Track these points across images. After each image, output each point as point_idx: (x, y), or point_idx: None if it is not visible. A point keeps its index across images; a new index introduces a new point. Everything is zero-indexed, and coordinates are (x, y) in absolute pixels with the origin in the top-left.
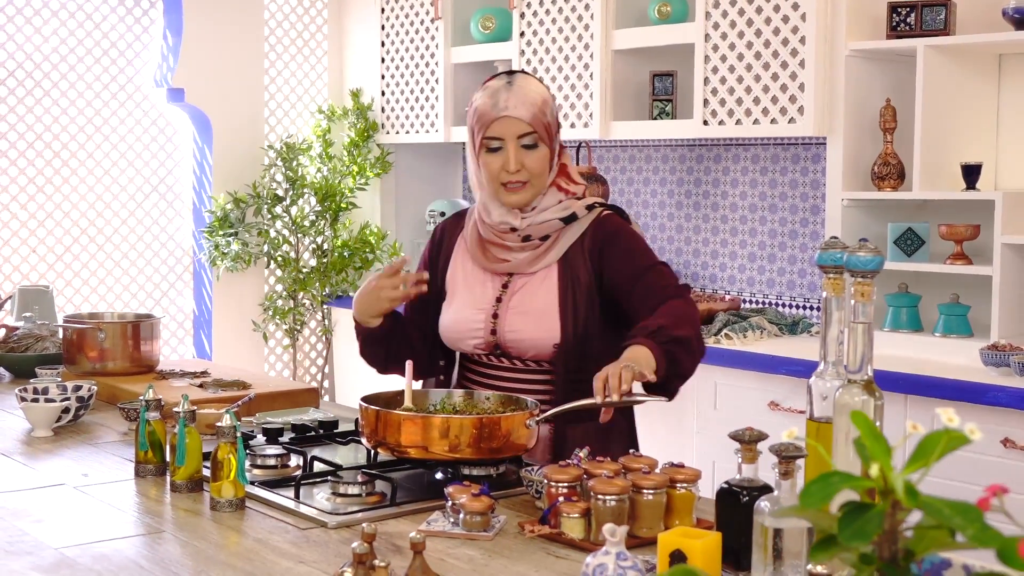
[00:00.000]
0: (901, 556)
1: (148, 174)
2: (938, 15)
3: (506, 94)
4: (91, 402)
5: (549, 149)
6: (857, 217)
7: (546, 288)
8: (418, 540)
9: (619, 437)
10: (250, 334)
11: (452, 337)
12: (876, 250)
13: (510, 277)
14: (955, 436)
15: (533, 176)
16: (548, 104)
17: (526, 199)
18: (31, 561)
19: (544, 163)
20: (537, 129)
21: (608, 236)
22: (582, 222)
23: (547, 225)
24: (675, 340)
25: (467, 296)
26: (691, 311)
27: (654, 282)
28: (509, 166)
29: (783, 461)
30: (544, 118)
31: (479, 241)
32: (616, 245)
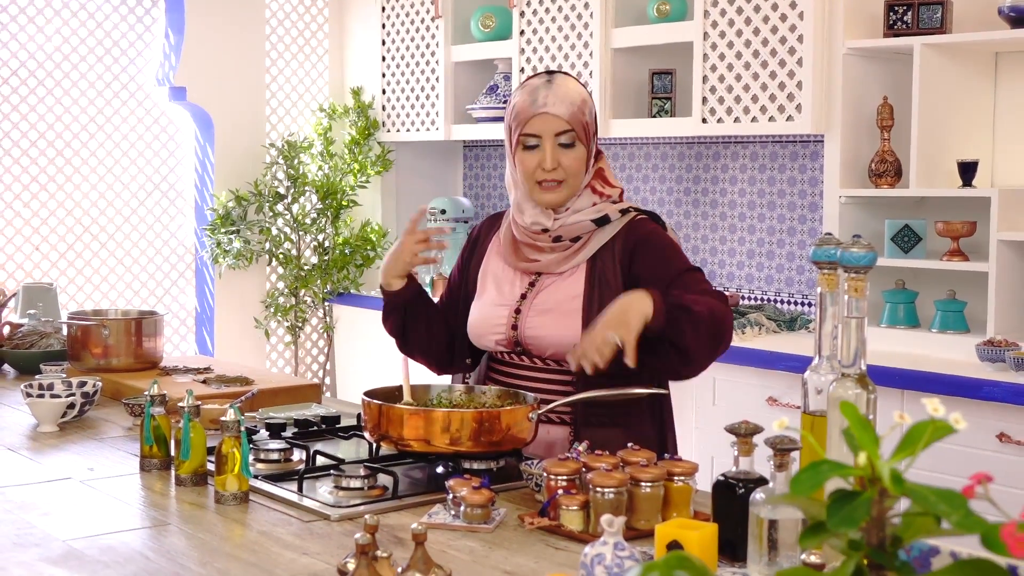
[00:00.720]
0: (889, 542)
1: (150, 172)
2: (935, 13)
3: (545, 92)
4: (96, 398)
5: (586, 149)
6: (855, 214)
7: (572, 288)
8: (420, 531)
9: (646, 441)
10: (252, 331)
11: (476, 333)
12: (869, 246)
13: (538, 276)
14: (940, 426)
15: (569, 175)
16: (587, 104)
17: (561, 199)
18: (39, 553)
19: (581, 163)
20: (575, 128)
21: (641, 240)
22: (615, 225)
23: (579, 226)
24: (682, 307)
25: (494, 293)
26: (720, 307)
27: (692, 286)
28: (546, 164)
29: (778, 454)
30: (583, 117)
31: (512, 241)
32: (649, 249)
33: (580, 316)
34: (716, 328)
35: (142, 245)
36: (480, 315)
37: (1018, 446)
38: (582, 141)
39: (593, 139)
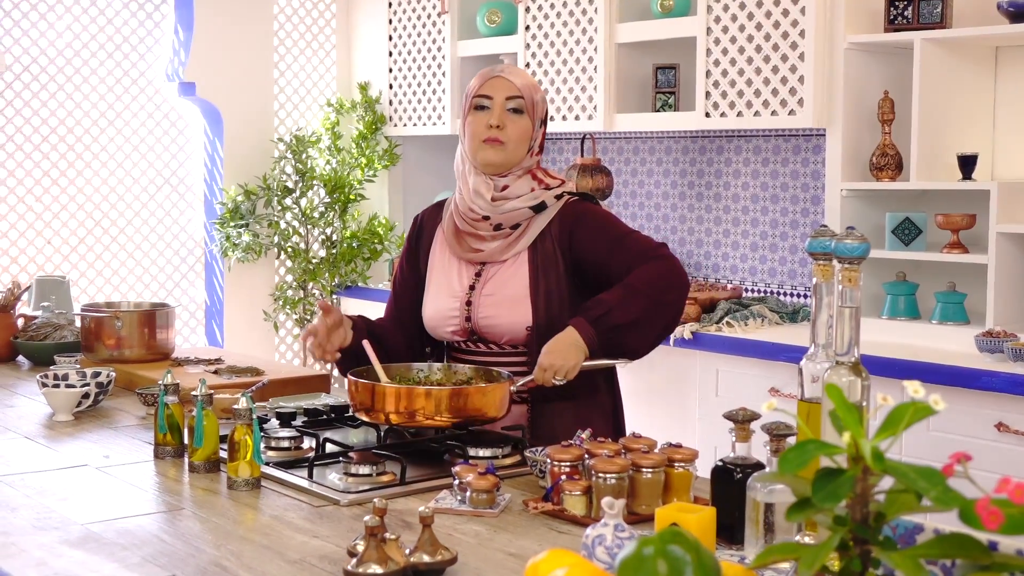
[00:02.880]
0: (872, 518)
1: (160, 167)
2: (935, 8)
3: (503, 66)
4: (110, 388)
5: (532, 124)
6: (856, 207)
7: (517, 275)
8: (427, 514)
9: (601, 415)
10: (261, 323)
11: (431, 326)
12: (862, 237)
13: (483, 266)
14: (921, 407)
15: (511, 140)
16: (539, 91)
17: (500, 159)
18: (59, 536)
19: (524, 133)
20: (525, 97)
21: (576, 218)
22: (551, 210)
23: (517, 214)
24: (615, 328)
25: (443, 285)
26: (660, 273)
27: (631, 247)
28: (492, 120)
29: (774, 439)
30: (533, 94)
31: (455, 231)
32: (585, 224)
33: (529, 301)
34: (659, 305)
35: (152, 239)
36: (433, 309)
37: (1016, 435)
38: (529, 114)
39: (539, 123)
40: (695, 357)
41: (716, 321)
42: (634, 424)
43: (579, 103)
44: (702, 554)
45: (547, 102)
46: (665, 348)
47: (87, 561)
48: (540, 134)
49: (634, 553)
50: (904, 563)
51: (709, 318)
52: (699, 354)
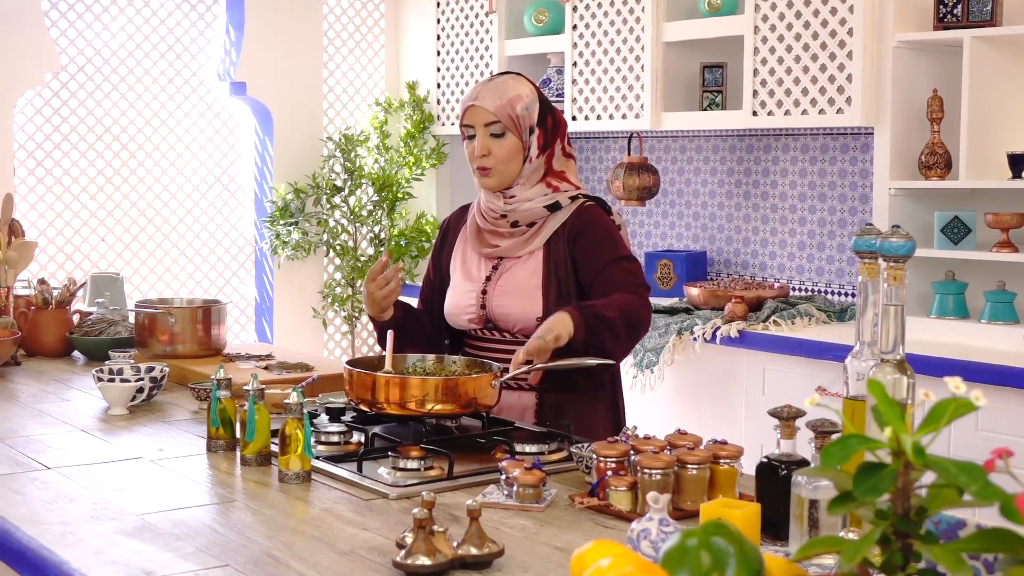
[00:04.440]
0: (914, 513)
1: (212, 165)
2: (985, 6)
3: (481, 88)
4: (163, 383)
5: (519, 139)
6: (904, 206)
7: (531, 269)
8: (474, 507)
9: (603, 404)
10: (310, 320)
11: (451, 314)
12: (908, 236)
13: (500, 261)
14: (962, 403)
15: (498, 163)
16: (521, 100)
17: (493, 184)
18: (115, 526)
19: (511, 152)
20: (502, 119)
21: (583, 226)
22: (565, 211)
23: (532, 212)
24: (598, 317)
25: (463, 278)
26: (634, 304)
27: (614, 276)
28: (475, 151)
29: (819, 436)
30: (511, 111)
31: (476, 229)
32: (588, 236)
33: (540, 295)
34: (631, 327)
35: (204, 236)
36: (453, 298)
37: None
38: (512, 132)
39: (530, 132)
40: (742, 355)
41: (763, 320)
42: (680, 421)
43: (626, 102)
44: (745, 546)
45: (535, 105)
46: (712, 346)
47: (143, 551)
48: (535, 139)
49: (678, 545)
50: (945, 557)
51: (756, 316)
52: (746, 352)
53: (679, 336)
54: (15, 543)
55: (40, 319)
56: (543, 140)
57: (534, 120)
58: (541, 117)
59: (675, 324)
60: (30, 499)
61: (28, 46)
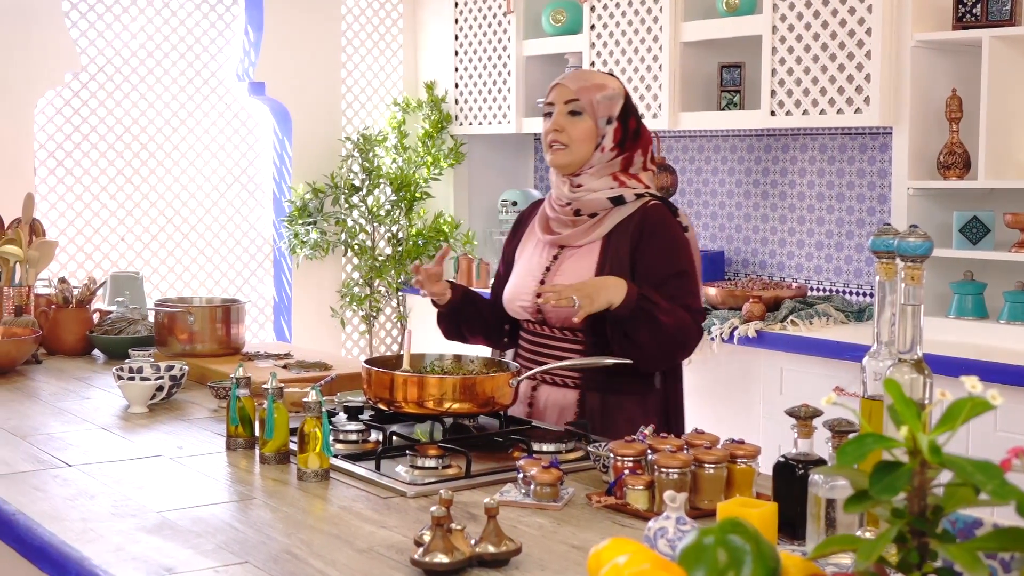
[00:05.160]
0: (930, 511)
1: (231, 165)
2: (1004, 6)
3: (571, 72)
4: (183, 381)
5: (594, 124)
6: (923, 206)
7: (587, 261)
8: (492, 506)
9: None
10: (328, 319)
11: (506, 302)
12: (925, 235)
13: (561, 250)
14: (978, 402)
15: (572, 141)
16: (604, 89)
17: (564, 161)
18: (136, 522)
19: (586, 133)
20: (581, 99)
21: (651, 227)
22: (630, 206)
23: (595, 202)
24: (651, 314)
25: (524, 266)
26: (687, 324)
27: (680, 292)
28: (552, 125)
29: (836, 435)
30: (592, 95)
31: (544, 217)
32: (654, 240)
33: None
34: (674, 342)
35: (223, 236)
36: (511, 287)
37: None
38: (589, 115)
39: (607, 123)
40: (759, 355)
41: (781, 320)
42: (698, 421)
43: (644, 101)
44: (761, 544)
45: (619, 100)
46: (730, 346)
47: (163, 547)
48: (612, 130)
49: (695, 542)
50: (961, 556)
51: (774, 316)
52: (763, 352)
53: None
54: (36, 539)
55: (61, 318)
56: (620, 136)
57: (614, 113)
58: (623, 115)
59: None
60: (51, 496)
61: (49, 47)
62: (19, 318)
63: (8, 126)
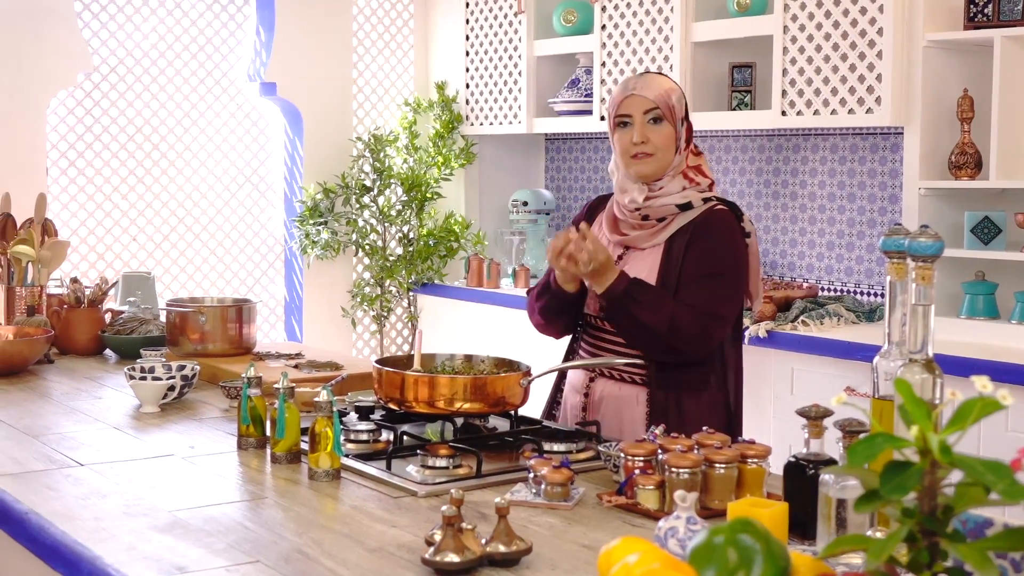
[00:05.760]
0: (940, 511)
1: (242, 165)
2: (1015, 6)
3: (635, 80)
4: (194, 381)
5: (674, 129)
6: (934, 206)
7: (649, 263)
8: (503, 505)
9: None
10: (339, 319)
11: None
12: (936, 236)
13: (627, 251)
14: (988, 402)
15: (658, 149)
16: (674, 92)
17: (651, 169)
18: (147, 522)
19: (668, 139)
20: (660, 106)
21: (703, 229)
22: (696, 210)
23: (664, 209)
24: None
25: None
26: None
27: (702, 294)
28: (635, 137)
29: (847, 436)
30: (668, 100)
31: (612, 217)
32: (702, 241)
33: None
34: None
35: (234, 236)
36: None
37: None
38: (669, 120)
39: (681, 124)
40: (770, 355)
41: (792, 320)
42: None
43: None
44: (772, 544)
45: (683, 99)
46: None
47: (175, 546)
48: (684, 131)
49: (705, 542)
50: (972, 555)
51: (784, 317)
52: (774, 352)
53: None
54: (49, 539)
55: (73, 318)
56: (689, 133)
57: (684, 112)
58: (686, 111)
59: None
60: (64, 495)
61: (61, 47)
62: (31, 318)
63: (21, 126)
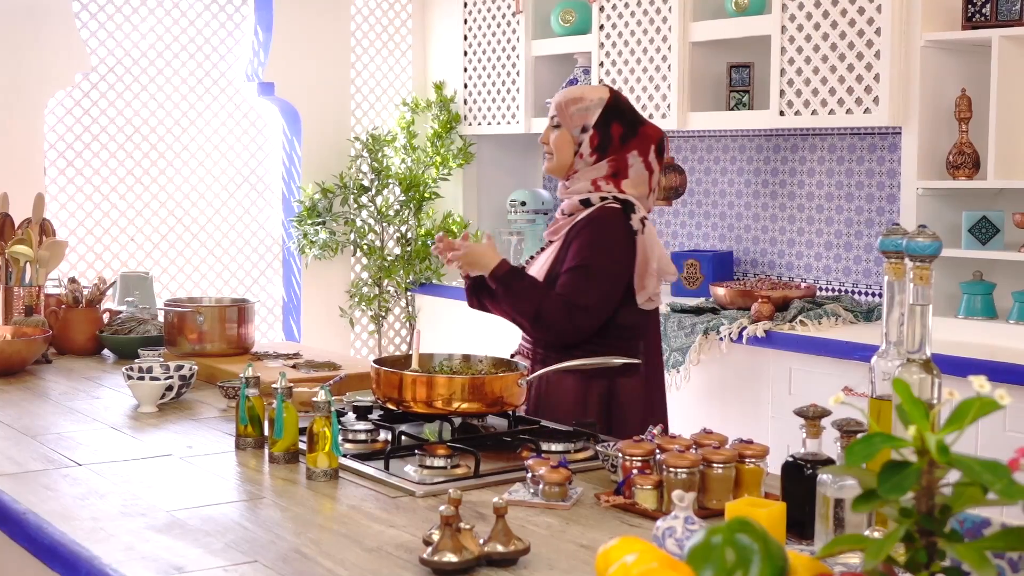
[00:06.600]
0: (938, 511)
1: (240, 165)
2: (1013, 5)
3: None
4: (192, 381)
5: (569, 135)
6: (932, 206)
7: (548, 255)
8: (501, 505)
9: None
10: (337, 319)
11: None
12: (934, 235)
13: (549, 243)
14: (986, 402)
15: (554, 151)
16: (580, 102)
17: (549, 167)
18: (145, 522)
19: (563, 143)
20: (558, 114)
21: (585, 223)
22: (595, 207)
23: (569, 204)
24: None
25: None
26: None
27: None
28: (541, 137)
29: (844, 435)
30: (567, 108)
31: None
32: (582, 234)
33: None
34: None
35: (232, 236)
36: None
37: None
38: (567, 127)
39: (582, 131)
40: (768, 355)
41: (790, 320)
42: (707, 421)
43: (653, 102)
44: (769, 543)
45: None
46: (738, 346)
47: (173, 546)
48: (588, 139)
49: (703, 542)
50: (969, 555)
51: (782, 317)
52: (772, 352)
53: (705, 336)
54: (47, 539)
55: (70, 318)
56: (598, 142)
57: (590, 122)
58: (602, 122)
59: (701, 324)
60: (61, 495)
61: (59, 47)
62: (29, 318)
63: (18, 126)
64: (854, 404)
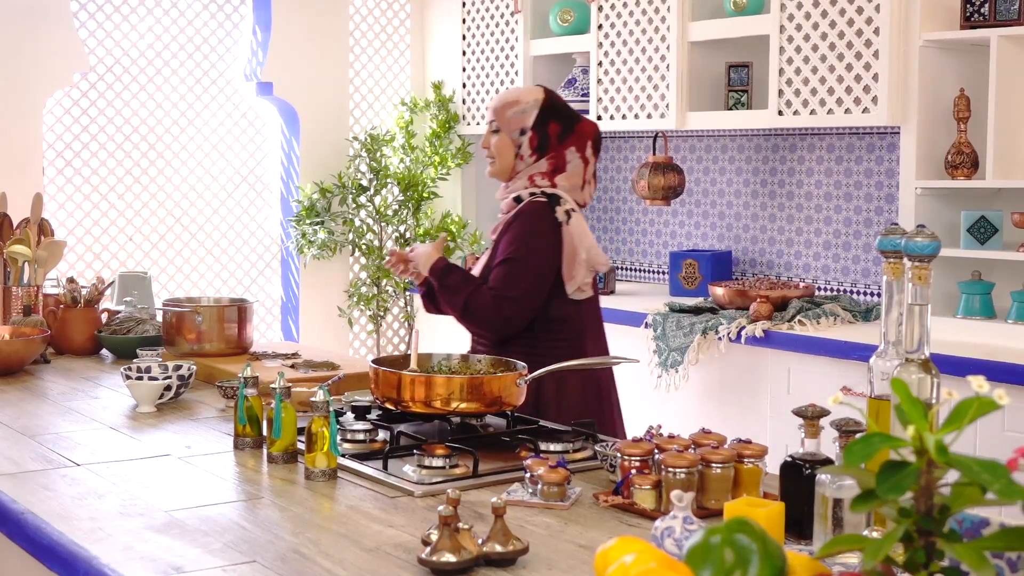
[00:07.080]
0: (937, 511)
1: (238, 165)
2: (1012, 5)
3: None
4: (191, 381)
5: (509, 138)
6: (931, 205)
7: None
8: (499, 505)
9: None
10: (335, 319)
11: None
12: (933, 235)
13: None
14: (985, 402)
15: (495, 155)
16: (516, 105)
17: (492, 172)
18: (144, 522)
19: (503, 147)
20: (496, 119)
21: (513, 219)
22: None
23: (506, 204)
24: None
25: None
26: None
27: (494, 277)
28: (481, 143)
29: (843, 435)
30: (504, 112)
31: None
32: (509, 229)
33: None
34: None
35: (231, 236)
36: None
37: None
38: (505, 131)
39: (521, 133)
40: (767, 355)
41: (788, 319)
42: (705, 421)
43: (651, 101)
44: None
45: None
46: (737, 346)
47: (171, 546)
48: (527, 140)
49: (701, 542)
50: (968, 555)
51: (781, 316)
52: (771, 352)
53: (704, 336)
54: (45, 539)
55: (69, 317)
56: (537, 142)
57: (527, 124)
58: (540, 122)
59: (700, 324)
60: (60, 495)
61: (57, 47)
62: (28, 318)
63: (17, 126)
64: (853, 404)
